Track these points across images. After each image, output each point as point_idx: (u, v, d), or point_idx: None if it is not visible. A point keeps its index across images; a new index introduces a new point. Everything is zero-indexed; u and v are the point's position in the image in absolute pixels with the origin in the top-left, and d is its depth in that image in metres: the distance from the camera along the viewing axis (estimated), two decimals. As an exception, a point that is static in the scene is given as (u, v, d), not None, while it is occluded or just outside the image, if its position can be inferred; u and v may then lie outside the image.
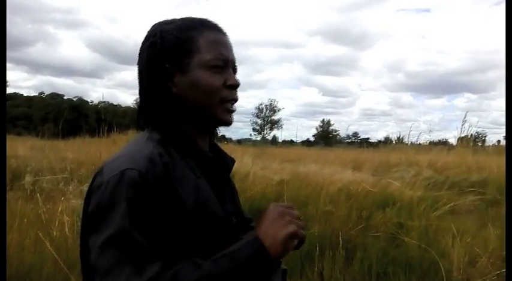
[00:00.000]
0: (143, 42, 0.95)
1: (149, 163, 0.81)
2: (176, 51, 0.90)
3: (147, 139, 0.89)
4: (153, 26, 0.96)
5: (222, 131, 1.04)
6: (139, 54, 0.95)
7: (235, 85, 0.94)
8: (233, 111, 0.95)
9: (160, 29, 0.93)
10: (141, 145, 0.87)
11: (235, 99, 0.95)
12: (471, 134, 9.27)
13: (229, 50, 0.95)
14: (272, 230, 0.82)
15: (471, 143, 9.08)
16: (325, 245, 3.71)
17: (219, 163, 1.00)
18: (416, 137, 9.88)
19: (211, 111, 0.92)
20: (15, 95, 62.03)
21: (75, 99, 59.39)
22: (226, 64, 0.93)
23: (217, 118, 0.93)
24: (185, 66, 0.90)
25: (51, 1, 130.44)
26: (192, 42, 0.91)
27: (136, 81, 0.96)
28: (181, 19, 0.95)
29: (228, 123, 0.95)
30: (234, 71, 0.97)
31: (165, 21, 0.96)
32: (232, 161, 1.06)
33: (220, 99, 0.92)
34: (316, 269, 3.47)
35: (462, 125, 8.67)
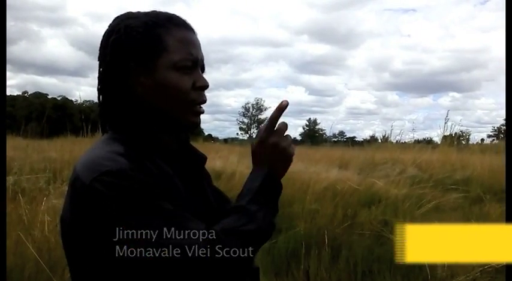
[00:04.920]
0: (105, 37, 0.88)
1: (126, 159, 0.78)
2: (142, 50, 0.84)
3: (113, 139, 0.85)
4: (115, 19, 0.89)
5: (208, 130, 1.01)
6: (101, 49, 0.88)
7: (205, 87, 0.89)
8: (201, 113, 0.91)
9: (124, 25, 0.86)
10: (110, 145, 0.83)
11: (204, 101, 0.90)
12: (455, 133, 9.42)
13: (198, 49, 0.90)
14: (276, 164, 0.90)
15: (455, 142, 9.21)
16: (311, 244, 3.72)
17: (189, 157, 0.96)
18: (400, 136, 9.95)
19: (179, 114, 0.87)
20: (-2, 94, 60.96)
21: (59, 98, 58.60)
22: (195, 64, 0.88)
23: (184, 121, 0.88)
24: (151, 66, 0.85)
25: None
26: (159, 40, 0.85)
27: None
28: (146, 14, 0.89)
29: (195, 126, 0.91)
30: (202, 70, 0.92)
31: (128, 15, 0.89)
32: (204, 157, 1.00)
33: (189, 102, 0.87)
34: (302, 267, 3.48)
35: (445, 123, 8.78)
